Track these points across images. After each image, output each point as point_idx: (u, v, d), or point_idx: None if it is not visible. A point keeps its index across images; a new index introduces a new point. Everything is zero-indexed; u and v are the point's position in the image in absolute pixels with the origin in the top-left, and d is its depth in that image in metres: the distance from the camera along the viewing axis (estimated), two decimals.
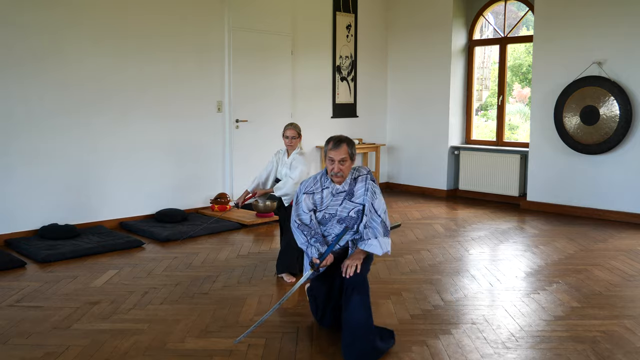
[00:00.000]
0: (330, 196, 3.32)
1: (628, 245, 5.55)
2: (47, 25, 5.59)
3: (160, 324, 3.58)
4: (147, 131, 6.37)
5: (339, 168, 3.24)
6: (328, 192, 3.33)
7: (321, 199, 3.34)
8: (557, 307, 3.89)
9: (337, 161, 3.24)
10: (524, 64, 9.00)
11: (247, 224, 6.28)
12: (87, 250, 5.13)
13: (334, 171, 3.26)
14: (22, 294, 4.11)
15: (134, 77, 6.22)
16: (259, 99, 7.25)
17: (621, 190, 6.63)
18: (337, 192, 3.32)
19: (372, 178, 3.34)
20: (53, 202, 5.73)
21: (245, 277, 4.53)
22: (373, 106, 8.78)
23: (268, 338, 3.36)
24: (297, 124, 4.86)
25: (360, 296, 3.15)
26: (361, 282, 3.21)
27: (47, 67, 5.62)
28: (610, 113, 6.55)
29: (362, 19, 8.46)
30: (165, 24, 6.41)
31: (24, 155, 5.53)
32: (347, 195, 3.31)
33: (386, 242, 3.27)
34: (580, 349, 3.23)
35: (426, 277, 4.54)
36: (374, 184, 3.33)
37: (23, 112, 5.51)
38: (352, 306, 3.13)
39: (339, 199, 3.31)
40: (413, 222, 6.58)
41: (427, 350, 3.21)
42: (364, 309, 3.13)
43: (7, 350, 3.20)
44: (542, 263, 4.97)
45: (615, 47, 6.56)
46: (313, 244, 3.30)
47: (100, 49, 5.96)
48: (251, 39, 7.13)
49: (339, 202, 3.32)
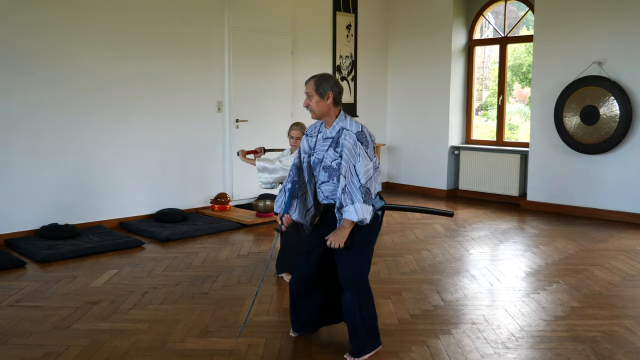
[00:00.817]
0: (321, 140, 3.19)
1: (628, 245, 5.55)
2: (47, 25, 5.59)
3: (160, 324, 3.58)
4: (147, 131, 6.37)
5: (307, 102, 3.13)
6: (320, 136, 3.21)
7: (315, 142, 3.23)
8: (557, 307, 3.89)
9: (307, 96, 3.14)
10: (524, 64, 9.01)
11: (247, 223, 6.28)
12: (87, 250, 5.13)
13: (304, 104, 3.19)
14: (22, 293, 4.11)
15: (134, 77, 6.22)
16: (259, 99, 7.25)
17: (621, 190, 6.62)
18: (325, 137, 3.18)
19: (361, 138, 3.03)
20: (53, 202, 5.73)
21: (245, 277, 4.53)
22: (373, 106, 8.78)
23: (268, 338, 3.36)
24: (302, 123, 4.78)
25: (351, 294, 3.09)
26: (352, 278, 3.10)
27: (47, 66, 5.62)
28: (611, 113, 6.55)
29: (362, 18, 8.46)
30: (165, 24, 6.41)
31: (24, 155, 5.53)
32: (333, 142, 3.12)
33: (365, 208, 2.96)
34: (580, 349, 3.23)
35: (426, 277, 4.54)
36: (361, 145, 3.02)
37: (23, 111, 5.51)
38: (344, 306, 3.13)
39: (325, 144, 3.16)
40: (413, 222, 6.58)
41: (427, 350, 3.22)
42: (356, 308, 3.09)
43: (7, 350, 3.20)
44: (542, 263, 4.97)
45: (615, 47, 6.56)
46: (284, 193, 3.25)
47: (101, 48, 5.95)
48: (251, 39, 7.13)
49: (325, 148, 3.16)
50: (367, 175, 3.00)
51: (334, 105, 3.12)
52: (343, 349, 3.23)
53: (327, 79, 3.12)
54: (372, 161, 3.05)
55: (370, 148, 3.06)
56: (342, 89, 3.20)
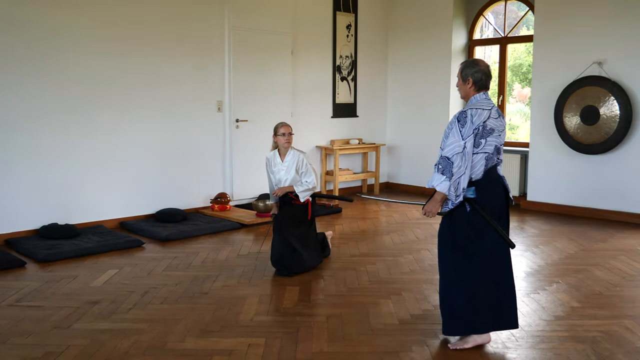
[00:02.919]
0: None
1: (628, 245, 5.55)
2: (47, 24, 5.59)
3: (160, 323, 3.58)
4: (147, 131, 6.37)
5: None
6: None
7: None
8: (557, 307, 3.89)
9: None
10: (524, 64, 9.01)
11: (247, 223, 6.28)
12: (87, 250, 5.13)
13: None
14: (22, 293, 4.11)
15: (134, 77, 6.22)
16: (259, 98, 7.25)
17: (621, 190, 6.62)
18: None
19: (460, 116, 3.18)
20: (53, 202, 5.73)
21: (245, 277, 4.53)
22: (373, 106, 8.78)
23: (268, 338, 3.36)
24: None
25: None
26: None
27: (47, 66, 5.62)
28: (611, 113, 6.55)
29: (362, 18, 8.46)
30: (165, 24, 6.40)
31: (24, 154, 5.54)
32: None
33: (437, 177, 3.13)
34: (580, 349, 3.23)
35: (426, 277, 4.54)
36: (457, 123, 3.18)
37: (23, 111, 5.51)
38: None
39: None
40: (413, 222, 6.58)
41: (427, 350, 3.22)
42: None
43: (7, 350, 3.20)
44: (542, 263, 4.97)
45: (616, 47, 6.56)
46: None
47: (101, 48, 5.95)
48: (251, 39, 7.12)
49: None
50: (452, 149, 3.10)
51: (475, 89, 3.27)
52: (343, 349, 3.23)
53: (469, 65, 3.30)
54: (465, 140, 3.09)
55: (467, 128, 3.11)
56: (484, 75, 3.27)
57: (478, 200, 3.18)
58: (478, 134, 3.13)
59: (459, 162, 3.08)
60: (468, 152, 3.09)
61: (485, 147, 3.15)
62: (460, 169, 3.08)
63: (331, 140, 8.19)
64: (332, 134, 8.27)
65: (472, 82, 3.25)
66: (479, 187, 3.18)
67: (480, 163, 3.16)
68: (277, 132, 4.79)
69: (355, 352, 3.19)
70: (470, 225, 3.20)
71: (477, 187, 3.18)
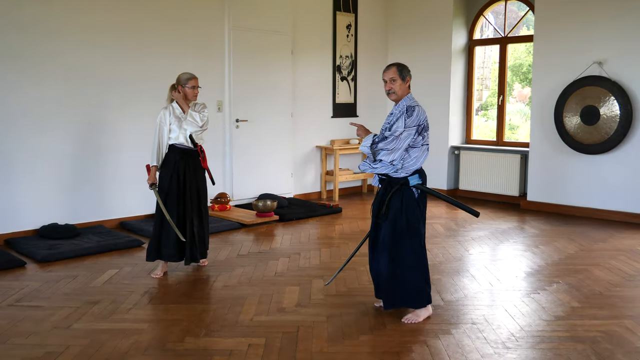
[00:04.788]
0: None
1: (628, 245, 5.55)
2: (46, 23, 5.59)
3: (160, 324, 3.58)
4: (147, 130, 6.35)
5: (389, 86, 3.73)
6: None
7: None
8: (557, 307, 3.89)
9: (389, 81, 3.73)
10: (524, 64, 9.01)
11: (247, 223, 6.28)
12: (87, 250, 5.13)
13: (386, 89, 3.77)
14: (22, 293, 4.11)
15: (134, 77, 6.22)
16: (259, 98, 7.25)
17: (621, 190, 6.62)
18: (391, 112, 3.83)
19: (409, 110, 3.63)
20: (53, 202, 5.73)
21: (245, 277, 4.53)
22: (373, 106, 8.78)
23: (268, 338, 3.36)
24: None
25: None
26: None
27: (47, 67, 5.62)
28: (611, 113, 6.55)
29: (362, 18, 8.46)
30: (165, 23, 6.40)
31: (24, 154, 5.53)
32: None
33: (368, 140, 3.69)
34: (580, 349, 3.23)
35: None
36: (405, 113, 3.62)
37: (22, 111, 5.51)
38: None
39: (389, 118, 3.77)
40: None
41: (427, 350, 3.22)
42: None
43: (7, 350, 3.20)
44: (542, 263, 4.97)
45: (616, 47, 6.56)
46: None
47: (101, 48, 5.96)
48: (251, 39, 7.12)
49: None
50: (394, 131, 3.54)
51: (409, 88, 3.76)
52: (343, 349, 3.23)
53: (405, 66, 3.79)
54: (408, 130, 3.54)
55: (413, 120, 3.56)
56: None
57: (423, 183, 3.65)
58: (421, 128, 3.59)
59: (390, 140, 3.55)
60: (402, 139, 3.53)
61: (426, 140, 3.64)
62: (388, 145, 3.54)
63: (331, 140, 8.19)
64: (332, 134, 8.28)
65: (409, 81, 3.75)
66: (421, 175, 3.65)
67: (424, 154, 3.63)
68: (185, 83, 4.68)
69: (355, 352, 3.19)
70: (419, 207, 3.64)
71: (420, 175, 3.64)
